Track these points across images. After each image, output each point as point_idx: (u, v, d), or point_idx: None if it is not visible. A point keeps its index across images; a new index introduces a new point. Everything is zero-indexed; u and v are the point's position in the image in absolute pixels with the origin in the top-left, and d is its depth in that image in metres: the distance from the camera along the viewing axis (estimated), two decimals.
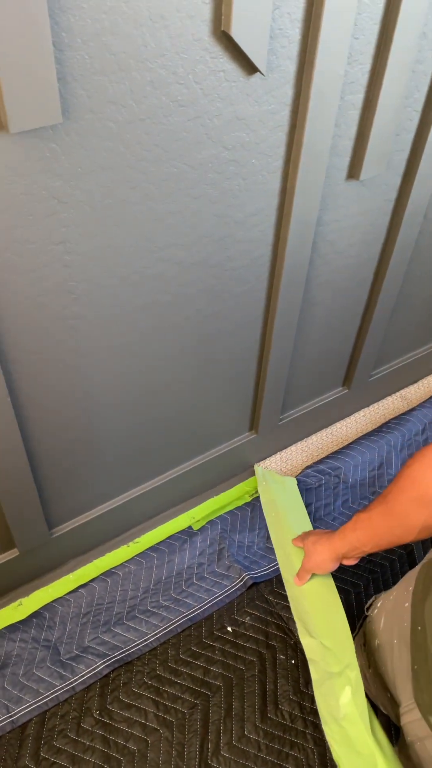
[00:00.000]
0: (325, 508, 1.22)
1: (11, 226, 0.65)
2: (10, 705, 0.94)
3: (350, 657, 0.91)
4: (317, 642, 0.95)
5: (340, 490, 1.24)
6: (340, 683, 0.89)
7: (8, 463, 0.85)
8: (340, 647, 0.93)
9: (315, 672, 0.93)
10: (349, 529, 0.86)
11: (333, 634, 0.95)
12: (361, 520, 0.83)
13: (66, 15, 0.55)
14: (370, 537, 0.81)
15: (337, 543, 0.89)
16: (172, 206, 0.75)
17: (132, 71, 0.62)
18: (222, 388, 1.06)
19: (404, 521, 0.74)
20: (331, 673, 0.91)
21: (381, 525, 0.78)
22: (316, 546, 0.95)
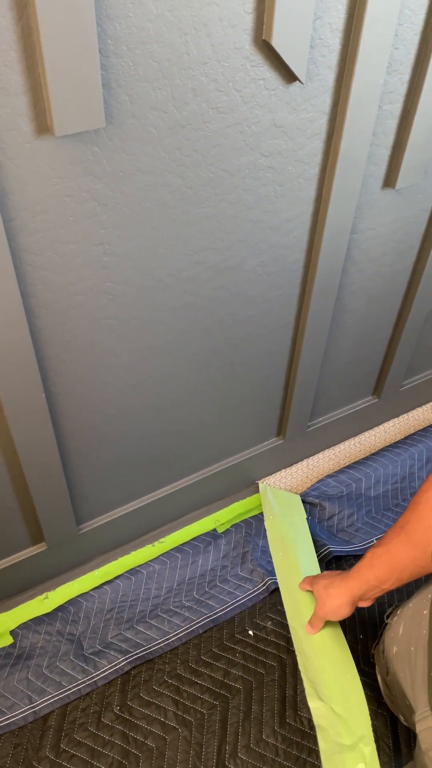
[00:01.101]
0: (348, 518, 1.21)
1: (53, 226, 0.67)
2: (33, 696, 0.95)
3: (365, 728, 0.85)
4: (327, 707, 0.87)
5: (363, 501, 1.24)
6: (352, 759, 0.83)
7: (41, 459, 0.87)
8: (353, 716, 0.86)
9: (323, 741, 0.85)
10: (365, 567, 0.80)
11: (346, 700, 0.88)
12: (377, 556, 0.78)
13: (113, 23, 0.57)
14: (390, 572, 0.77)
15: (353, 584, 0.83)
16: (209, 211, 0.76)
17: (174, 78, 0.63)
18: (251, 392, 1.07)
19: (428, 549, 0.70)
20: (342, 746, 0.84)
21: (402, 557, 0.74)
22: (329, 590, 0.87)
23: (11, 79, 0.56)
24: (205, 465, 1.15)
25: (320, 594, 0.89)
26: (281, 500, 1.19)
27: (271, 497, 1.20)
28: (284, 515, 1.16)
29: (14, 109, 0.57)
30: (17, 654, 1.00)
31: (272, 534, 1.12)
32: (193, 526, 1.18)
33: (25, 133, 0.59)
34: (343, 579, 0.85)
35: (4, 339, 0.71)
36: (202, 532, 1.17)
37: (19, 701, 0.95)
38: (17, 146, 0.60)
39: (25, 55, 0.55)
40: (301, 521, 1.15)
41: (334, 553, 1.13)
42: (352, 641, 1.02)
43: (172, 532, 1.17)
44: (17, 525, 0.97)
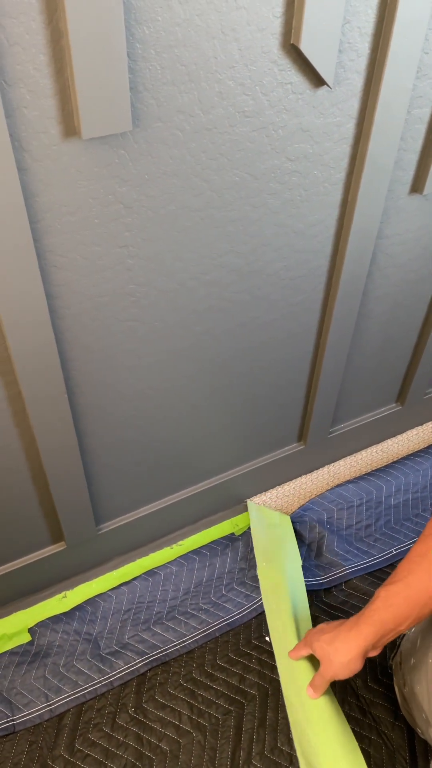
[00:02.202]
0: (366, 528, 1.20)
1: (78, 228, 0.68)
2: (49, 694, 0.96)
3: None
4: None
5: (382, 510, 1.22)
6: None
7: (62, 459, 0.87)
8: None
9: None
10: (380, 608, 0.72)
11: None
12: (394, 593, 0.70)
13: (141, 27, 0.57)
14: (410, 609, 0.69)
15: (367, 630, 0.72)
16: (233, 214, 0.76)
17: (201, 82, 0.64)
18: (272, 397, 1.07)
19: None
20: None
21: (424, 590, 0.68)
22: (336, 645, 0.76)
23: (40, 83, 0.56)
24: (224, 469, 1.15)
25: (325, 651, 0.78)
26: (269, 521, 1.14)
27: (256, 517, 1.14)
28: (271, 540, 1.10)
29: (42, 112, 0.58)
30: (35, 652, 1.00)
31: (260, 560, 1.07)
32: (212, 530, 1.18)
33: (53, 136, 0.60)
34: (352, 627, 0.74)
35: (29, 339, 0.72)
36: (220, 535, 1.17)
37: (35, 699, 0.95)
38: (44, 149, 0.60)
39: (54, 58, 0.55)
40: (291, 545, 1.11)
41: (353, 575, 1.11)
42: None
43: (190, 534, 1.17)
44: (38, 524, 0.97)
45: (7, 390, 0.77)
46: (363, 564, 1.14)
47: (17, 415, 0.81)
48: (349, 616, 1.04)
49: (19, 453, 0.85)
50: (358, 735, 0.93)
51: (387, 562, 1.15)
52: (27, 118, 0.58)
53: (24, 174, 0.61)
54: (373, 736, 0.93)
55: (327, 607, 1.08)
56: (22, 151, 0.59)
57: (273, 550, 1.08)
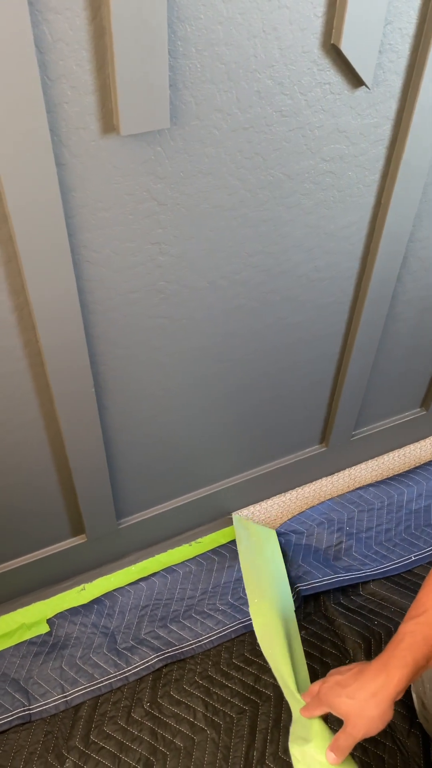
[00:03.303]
0: (386, 533, 1.19)
1: (113, 224, 0.68)
2: (65, 685, 0.97)
3: None
4: None
5: (403, 515, 1.21)
6: None
7: (87, 453, 0.88)
8: None
9: None
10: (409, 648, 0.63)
11: None
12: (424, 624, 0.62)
13: (183, 25, 0.57)
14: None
15: (398, 675, 0.62)
16: (266, 214, 0.76)
17: (240, 81, 0.63)
18: (296, 397, 1.06)
19: None
20: None
21: None
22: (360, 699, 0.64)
23: (81, 79, 0.57)
24: (246, 468, 1.15)
25: (350, 707, 0.65)
26: (255, 535, 1.11)
27: (242, 531, 1.12)
28: (256, 555, 1.07)
29: (82, 108, 0.58)
30: (52, 642, 1.01)
31: (247, 576, 1.04)
32: (231, 529, 1.18)
33: (92, 132, 0.60)
34: (379, 673, 0.63)
35: (60, 333, 0.72)
36: None
37: (51, 689, 0.96)
38: (83, 144, 0.61)
39: (96, 55, 0.56)
40: (274, 551, 1.09)
41: (371, 577, 1.10)
42: None
43: (210, 533, 1.17)
44: (60, 517, 0.98)
45: (36, 382, 0.78)
46: (381, 569, 1.13)
47: (44, 406, 0.81)
48: (368, 621, 1.04)
49: (45, 446, 0.86)
50: (373, 740, 0.92)
51: (405, 567, 1.14)
52: (67, 114, 0.58)
53: (62, 169, 0.61)
54: (387, 742, 0.92)
55: (345, 609, 1.07)
56: (61, 146, 0.60)
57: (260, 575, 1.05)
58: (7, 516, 0.93)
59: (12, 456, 0.85)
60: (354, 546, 1.15)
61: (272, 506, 1.22)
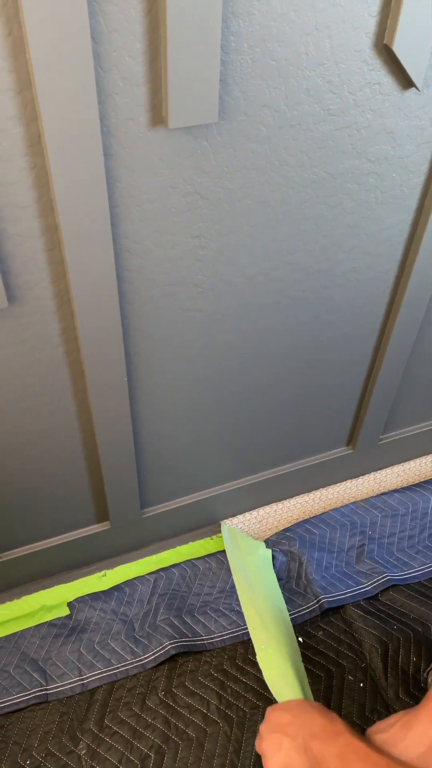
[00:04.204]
0: (409, 539, 1.18)
1: (155, 216, 0.68)
2: (83, 669, 0.98)
3: None
4: None
5: (427, 522, 1.20)
6: None
7: (116, 441, 0.89)
8: None
9: None
10: None
11: None
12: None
13: (237, 20, 0.57)
14: None
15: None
16: (307, 212, 0.76)
17: (290, 78, 0.63)
18: (325, 398, 1.06)
19: None
20: None
21: None
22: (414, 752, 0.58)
23: (133, 70, 0.57)
24: (269, 466, 1.15)
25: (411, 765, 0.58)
26: (246, 543, 1.10)
27: (230, 540, 1.11)
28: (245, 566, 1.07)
29: (132, 99, 0.59)
30: (72, 626, 1.03)
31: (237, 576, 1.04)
32: None
33: (140, 123, 0.61)
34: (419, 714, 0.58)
35: (97, 321, 0.73)
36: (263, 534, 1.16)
37: (69, 672, 0.98)
38: (131, 135, 0.61)
39: (149, 47, 0.56)
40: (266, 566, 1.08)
41: (392, 581, 1.10)
42: (404, 662, 1.00)
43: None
44: (86, 502, 1.00)
45: (71, 369, 0.79)
46: (402, 575, 1.12)
47: (78, 394, 0.83)
48: (387, 625, 1.04)
49: (76, 433, 0.88)
50: None
51: (426, 576, 1.13)
52: (117, 105, 0.59)
53: (109, 159, 0.62)
54: None
55: (364, 612, 1.07)
56: (109, 137, 0.60)
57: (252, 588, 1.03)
58: (35, 499, 0.94)
59: (43, 441, 0.86)
60: (376, 550, 1.14)
61: (295, 505, 1.22)
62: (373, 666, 1.00)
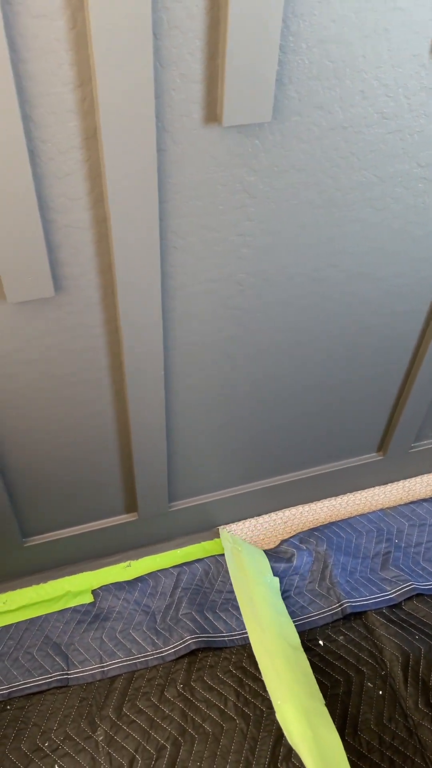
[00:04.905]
0: None
1: (202, 212, 0.69)
2: (104, 656, 0.99)
3: None
4: None
5: None
6: None
7: (149, 434, 0.90)
8: None
9: None
10: None
11: None
12: None
13: (297, 20, 0.58)
14: None
15: None
16: (354, 215, 0.76)
17: (345, 79, 0.63)
18: (358, 402, 1.06)
19: None
20: None
21: None
22: None
23: (192, 67, 0.58)
24: (298, 467, 1.15)
25: None
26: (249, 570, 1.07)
27: (230, 547, 1.09)
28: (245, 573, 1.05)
29: (189, 96, 0.59)
30: (95, 613, 1.04)
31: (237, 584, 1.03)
32: None
33: (195, 120, 0.61)
34: None
35: (139, 313, 0.74)
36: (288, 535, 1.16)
37: (90, 658, 0.99)
38: (185, 132, 0.62)
39: (209, 44, 0.57)
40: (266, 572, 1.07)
41: (417, 590, 1.09)
42: (425, 673, 0.99)
43: None
44: (115, 492, 1.01)
45: (111, 360, 0.80)
46: (427, 585, 1.11)
47: (116, 384, 0.84)
48: (408, 634, 1.03)
49: (111, 423, 0.89)
50: (402, 755, 0.91)
51: None
52: (174, 101, 0.59)
53: (162, 155, 0.62)
54: (417, 758, 0.91)
55: (386, 620, 1.06)
56: (163, 132, 0.61)
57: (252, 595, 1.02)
58: (67, 486, 0.96)
59: (78, 430, 0.88)
60: (401, 558, 1.13)
61: (321, 508, 1.21)
62: (393, 674, 0.99)
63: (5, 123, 0.55)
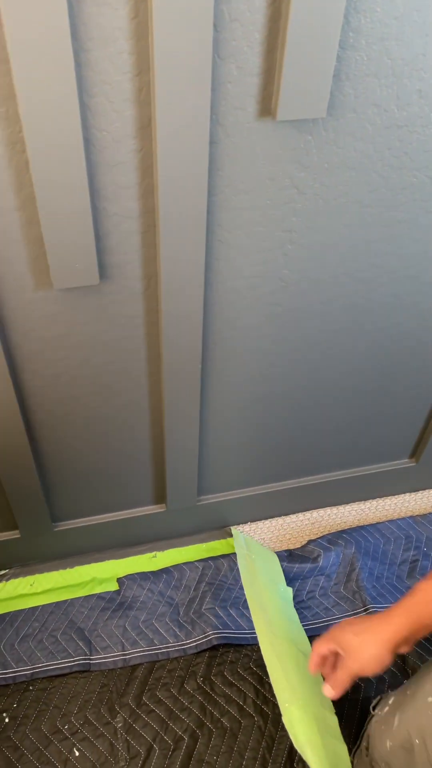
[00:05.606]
0: None
1: (250, 207, 0.69)
2: (126, 644, 1.00)
3: None
4: None
5: None
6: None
7: (182, 426, 0.91)
8: None
9: None
10: (417, 603, 0.69)
11: None
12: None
13: (359, 16, 0.57)
14: None
15: (399, 621, 0.69)
16: (402, 216, 0.75)
17: (403, 78, 0.62)
18: (393, 406, 1.04)
19: None
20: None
21: None
22: (363, 637, 0.71)
23: (249, 60, 0.58)
24: (328, 469, 1.14)
25: (352, 643, 0.72)
26: (261, 576, 1.05)
27: (243, 553, 1.07)
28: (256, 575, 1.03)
29: (244, 89, 0.59)
30: (120, 601, 1.05)
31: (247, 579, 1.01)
32: None
33: (248, 114, 0.61)
34: (383, 621, 0.71)
35: (180, 306, 0.75)
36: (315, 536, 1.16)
37: (112, 645, 1.00)
38: (238, 125, 0.62)
39: (268, 38, 0.56)
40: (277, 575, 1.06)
41: None
42: None
43: None
44: (145, 482, 1.02)
45: (149, 351, 0.81)
46: None
47: (152, 376, 0.84)
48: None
49: (146, 414, 0.89)
50: None
51: None
52: (229, 94, 0.59)
53: (214, 147, 0.63)
54: None
55: None
56: (217, 125, 0.61)
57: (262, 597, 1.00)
58: (98, 475, 0.97)
59: (113, 419, 0.88)
60: (429, 567, 1.12)
61: (350, 512, 1.20)
62: None
63: (64, 111, 0.55)
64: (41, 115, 0.55)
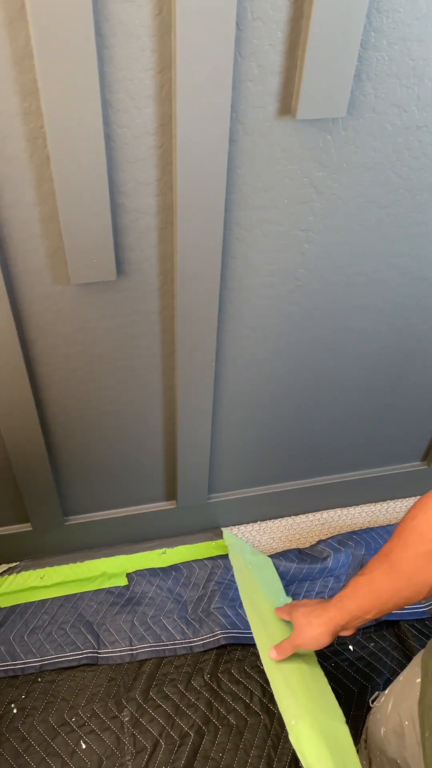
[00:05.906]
0: None
1: (267, 206, 0.69)
2: (133, 639, 1.01)
3: None
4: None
5: None
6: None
7: (195, 423, 0.91)
8: None
9: None
10: (347, 597, 0.76)
11: None
12: (360, 585, 0.73)
13: (380, 16, 0.57)
14: (373, 603, 0.72)
15: (335, 614, 0.78)
16: (420, 217, 0.75)
17: (425, 78, 0.62)
18: (406, 408, 1.04)
19: (413, 580, 0.66)
20: None
21: (385, 588, 0.70)
22: (309, 618, 0.82)
23: (271, 59, 0.58)
24: (340, 470, 1.14)
25: (299, 621, 0.83)
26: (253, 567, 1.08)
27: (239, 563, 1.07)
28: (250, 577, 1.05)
29: (265, 88, 0.60)
30: (129, 596, 1.06)
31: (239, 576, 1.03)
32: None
33: (268, 112, 0.61)
34: (325, 608, 0.80)
35: (195, 302, 0.75)
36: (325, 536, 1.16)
37: (120, 640, 1.01)
38: (258, 123, 0.62)
39: (290, 37, 0.57)
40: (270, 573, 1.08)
41: None
42: None
43: None
44: (157, 479, 1.02)
45: (164, 348, 0.81)
46: None
47: (166, 372, 0.85)
48: None
49: (159, 410, 0.90)
50: None
51: None
52: (250, 92, 0.60)
53: (233, 145, 0.63)
54: None
55: (418, 633, 1.05)
56: (236, 123, 0.61)
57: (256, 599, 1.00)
58: (110, 470, 0.97)
59: (126, 414, 0.89)
60: None
61: (360, 513, 1.20)
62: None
63: (85, 107, 0.56)
64: (63, 110, 0.56)
